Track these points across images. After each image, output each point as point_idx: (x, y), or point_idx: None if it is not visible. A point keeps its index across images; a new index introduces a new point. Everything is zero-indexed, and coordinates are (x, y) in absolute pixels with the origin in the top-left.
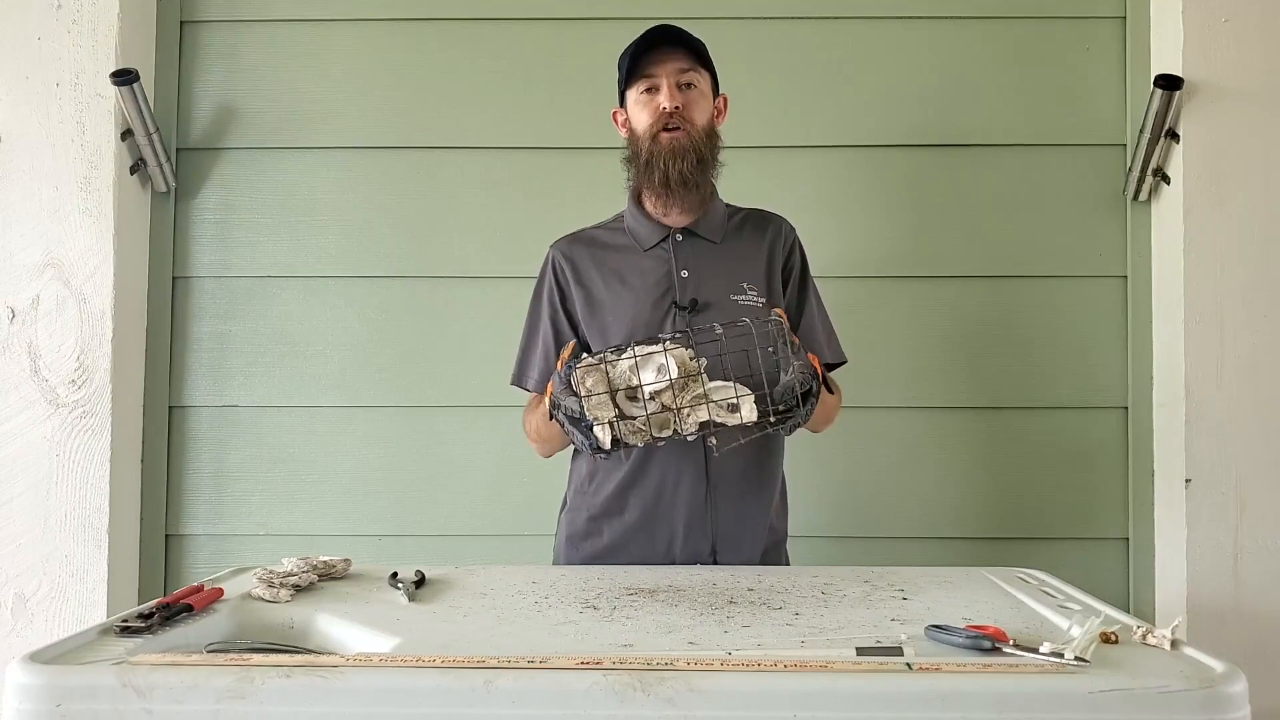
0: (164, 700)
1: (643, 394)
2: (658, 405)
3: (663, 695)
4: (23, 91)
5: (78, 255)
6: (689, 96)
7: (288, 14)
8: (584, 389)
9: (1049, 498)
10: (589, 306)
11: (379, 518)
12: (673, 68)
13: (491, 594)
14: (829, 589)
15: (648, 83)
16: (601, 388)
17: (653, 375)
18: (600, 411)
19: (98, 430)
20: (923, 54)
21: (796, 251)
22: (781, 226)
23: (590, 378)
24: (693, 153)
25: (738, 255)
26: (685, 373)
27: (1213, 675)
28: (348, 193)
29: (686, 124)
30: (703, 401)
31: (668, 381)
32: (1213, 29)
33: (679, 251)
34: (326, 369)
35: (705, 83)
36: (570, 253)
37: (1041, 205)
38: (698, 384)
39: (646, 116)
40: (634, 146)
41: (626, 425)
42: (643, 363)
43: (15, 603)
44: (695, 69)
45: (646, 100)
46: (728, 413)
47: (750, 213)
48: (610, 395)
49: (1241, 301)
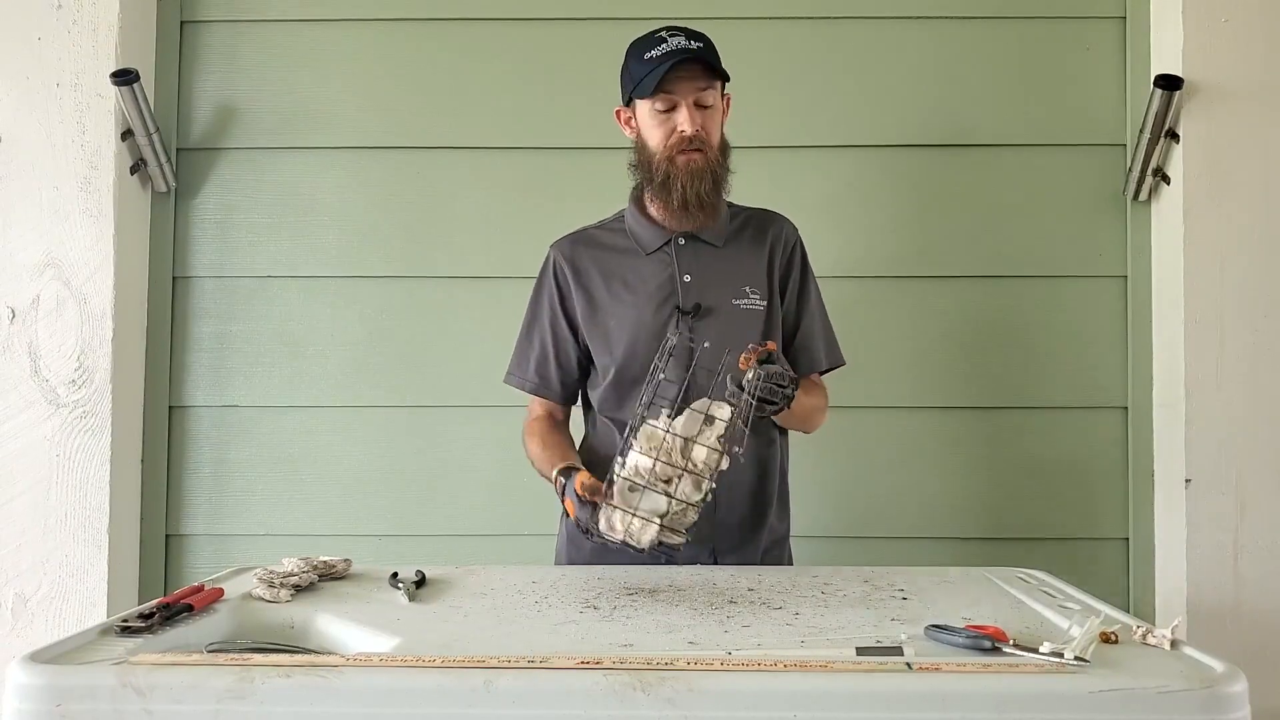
0: (164, 700)
1: (674, 491)
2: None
3: (663, 695)
4: (23, 91)
5: (78, 255)
6: (705, 115)
7: (288, 14)
8: (620, 531)
9: (1049, 497)
10: (590, 309)
11: (379, 518)
12: (692, 87)
13: (491, 594)
14: (829, 589)
15: (666, 101)
16: (636, 505)
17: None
18: (644, 536)
19: (98, 430)
20: (923, 54)
21: (797, 252)
22: (783, 227)
23: (617, 515)
24: (709, 174)
25: (739, 258)
26: (665, 453)
27: (1213, 675)
28: (348, 193)
29: (704, 145)
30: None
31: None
32: (1213, 29)
33: (681, 256)
34: (326, 369)
35: (718, 94)
36: (571, 254)
37: (1041, 205)
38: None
39: (662, 135)
40: (644, 156)
41: (663, 534)
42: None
43: (15, 603)
44: (712, 85)
45: (663, 119)
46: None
47: (752, 213)
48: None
49: (1241, 301)
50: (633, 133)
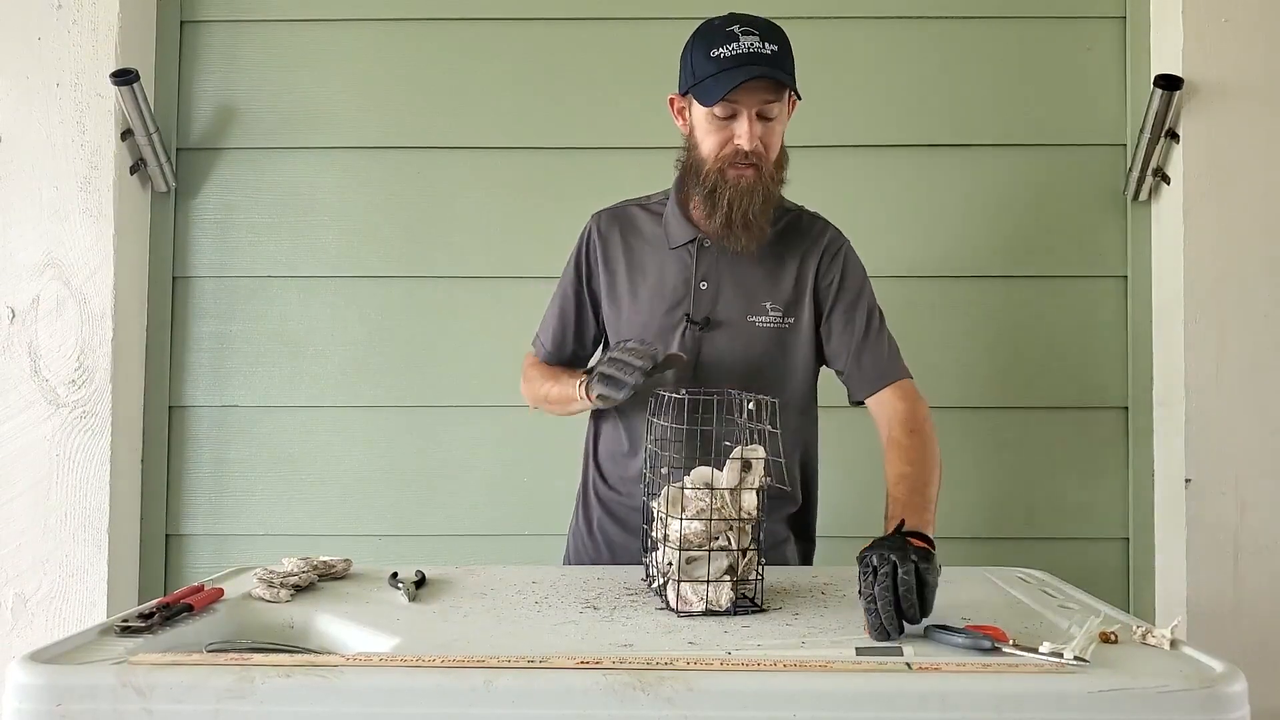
0: (164, 700)
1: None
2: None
3: (663, 695)
4: (23, 91)
5: (78, 255)
6: (767, 128)
7: (288, 14)
8: (695, 603)
9: (1049, 498)
10: (611, 294)
11: (379, 518)
12: (757, 98)
13: (491, 594)
14: (829, 589)
15: (727, 109)
16: (698, 573)
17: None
18: (722, 598)
19: (98, 430)
20: (923, 54)
21: (840, 263)
22: (822, 237)
23: (687, 588)
24: (760, 193)
25: (765, 270)
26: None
27: (1212, 675)
28: (348, 193)
29: (760, 160)
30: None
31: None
32: (1213, 29)
33: (702, 258)
34: (326, 369)
35: (784, 105)
36: (607, 231)
37: (1041, 205)
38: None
39: (716, 143)
40: (694, 158)
41: (738, 588)
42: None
43: (15, 603)
44: (780, 97)
45: (720, 125)
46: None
47: (793, 218)
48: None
49: (1241, 301)
50: (685, 126)
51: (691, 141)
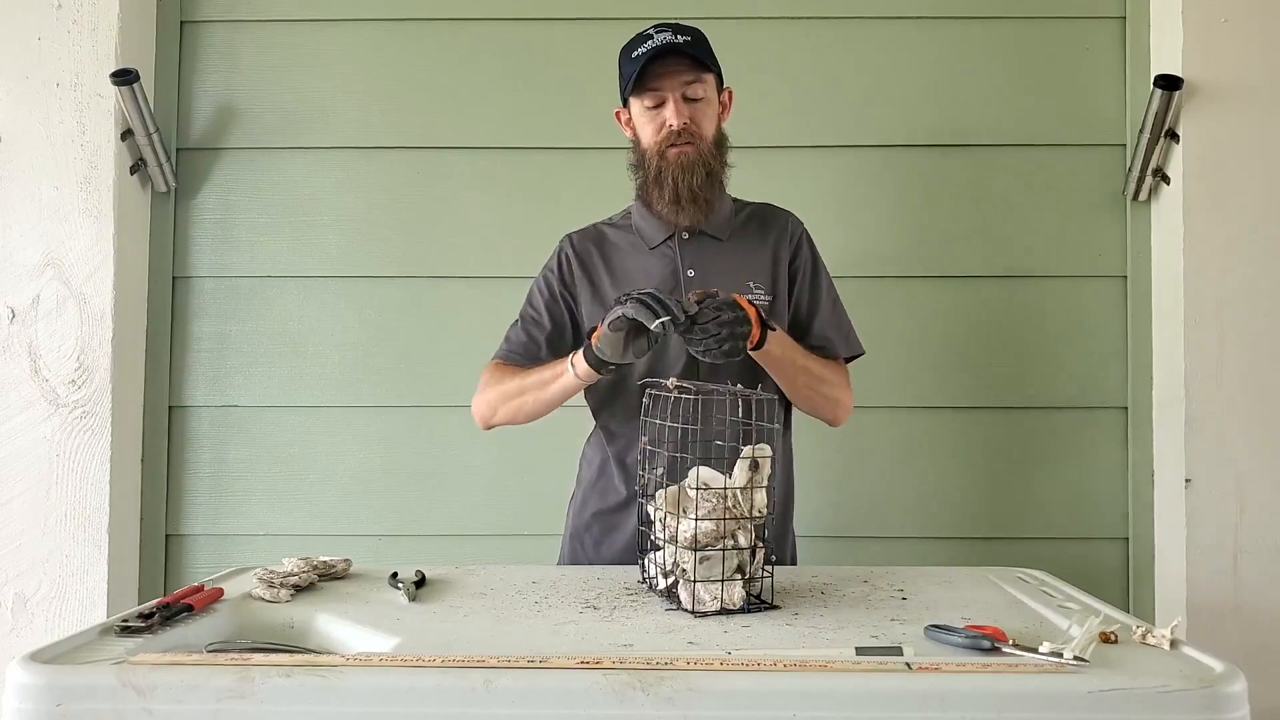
0: (164, 700)
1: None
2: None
3: (663, 695)
4: (23, 91)
5: (78, 255)
6: (695, 108)
7: (288, 14)
8: (709, 602)
9: (1049, 498)
10: (594, 301)
11: (379, 518)
12: (678, 80)
13: (491, 594)
14: (829, 589)
15: (653, 98)
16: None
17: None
18: (735, 596)
19: (98, 430)
20: (923, 54)
21: (804, 246)
22: (787, 222)
23: (700, 588)
24: (701, 167)
25: (744, 253)
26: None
27: (1212, 675)
28: (348, 193)
29: (695, 138)
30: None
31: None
32: (1213, 29)
33: (684, 250)
34: (326, 369)
35: (710, 87)
36: (581, 247)
37: (1041, 205)
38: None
39: (652, 131)
40: (640, 155)
41: (748, 585)
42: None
43: (15, 603)
44: (700, 78)
45: (652, 115)
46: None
47: (756, 208)
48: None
49: (1241, 301)
50: (631, 133)
51: (638, 144)
